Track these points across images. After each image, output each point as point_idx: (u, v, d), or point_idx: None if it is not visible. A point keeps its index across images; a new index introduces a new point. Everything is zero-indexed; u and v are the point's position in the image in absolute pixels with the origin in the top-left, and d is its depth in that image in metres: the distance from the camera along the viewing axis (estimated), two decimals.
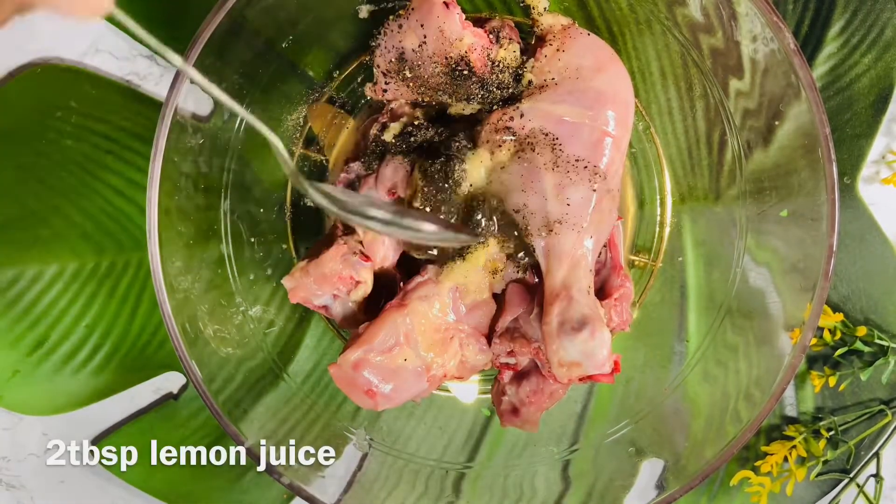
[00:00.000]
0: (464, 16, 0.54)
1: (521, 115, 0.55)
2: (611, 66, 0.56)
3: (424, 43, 0.54)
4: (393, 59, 0.55)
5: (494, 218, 0.57)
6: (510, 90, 0.57)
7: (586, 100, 0.55)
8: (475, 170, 0.56)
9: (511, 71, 0.56)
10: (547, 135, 0.55)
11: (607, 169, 0.55)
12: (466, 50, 0.54)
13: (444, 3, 0.53)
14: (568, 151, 0.54)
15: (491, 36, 0.56)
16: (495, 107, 0.57)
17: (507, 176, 0.56)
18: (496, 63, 0.56)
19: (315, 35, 0.61)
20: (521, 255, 0.59)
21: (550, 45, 0.56)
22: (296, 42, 0.60)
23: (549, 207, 0.55)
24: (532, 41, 0.58)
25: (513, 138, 0.55)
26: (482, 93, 0.56)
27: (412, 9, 0.54)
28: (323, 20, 0.60)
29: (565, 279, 0.55)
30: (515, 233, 0.58)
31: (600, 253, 0.59)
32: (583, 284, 0.55)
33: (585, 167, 0.54)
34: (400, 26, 0.54)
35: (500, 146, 0.55)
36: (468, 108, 0.58)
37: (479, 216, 0.56)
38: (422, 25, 0.54)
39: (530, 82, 0.56)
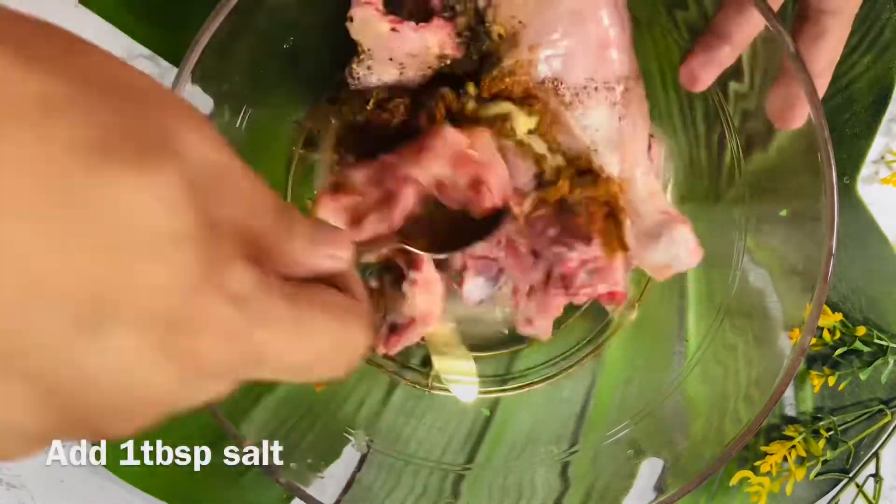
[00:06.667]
0: (413, 23, 0.52)
1: (508, 73, 0.52)
2: None
3: (404, 69, 0.53)
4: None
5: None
6: (486, 48, 0.53)
7: (562, 28, 0.51)
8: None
9: (479, 30, 0.53)
10: (542, 81, 0.52)
11: (617, 75, 0.52)
12: (438, 49, 0.53)
13: (392, 28, 0.52)
14: (572, 83, 0.52)
15: (446, 14, 0.53)
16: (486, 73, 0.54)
17: None
18: (464, 34, 0.53)
19: (315, 36, 0.61)
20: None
21: None
22: (296, 43, 0.60)
23: (582, 141, 0.53)
24: None
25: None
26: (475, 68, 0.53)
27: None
28: (323, 21, 0.60)
29: (625, 199, 0.54)
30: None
31: None
32: (642, 194, 0.54)
33: (596, 88, 0.52)
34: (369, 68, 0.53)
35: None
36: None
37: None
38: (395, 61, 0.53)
39: (500, 35, 0.52)
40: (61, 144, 0.20)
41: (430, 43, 0.53)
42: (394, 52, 0.52)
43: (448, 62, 0.53)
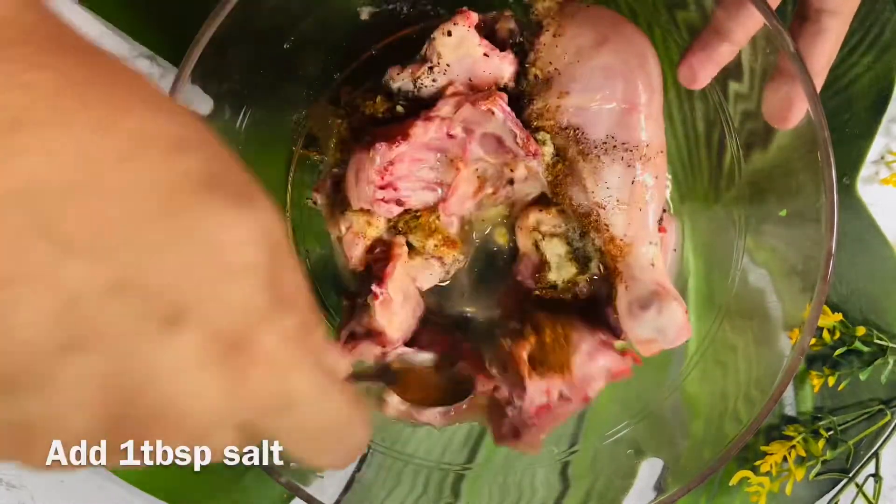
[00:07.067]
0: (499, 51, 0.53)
1: (536, 116, 0.54)
2: (613, 35, 0.52)
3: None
4: None
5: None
6: (523, 87, 0.55)
7: (592, 82, 0.52)
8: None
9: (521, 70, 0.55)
10: (565, 128, 0.53)
11: (637, 139, 0.53)
12: (504, 81, 0.53)
13: (485, 53, 0.52)
14: (592, 137, 0.53)
15: (515, 50, 0.54)
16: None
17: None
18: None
19: (316, 36, 0.61)
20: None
21: (547, 30, 0.54)
22: (296, 43, 0.60)
23: (591, 196, 0.53)
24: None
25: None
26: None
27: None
28: (324, 21, 0.60)
29: (624, 263, 0.54)
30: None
31: None
32: (642, 262, 0.54)
33: (615, 146, 0.52)
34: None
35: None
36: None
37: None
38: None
39: (536, 76, 0.54)
40: (182, 174, 0.25)
41: (506, 74, 0.53)
42: (475, 73, 0.53)
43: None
